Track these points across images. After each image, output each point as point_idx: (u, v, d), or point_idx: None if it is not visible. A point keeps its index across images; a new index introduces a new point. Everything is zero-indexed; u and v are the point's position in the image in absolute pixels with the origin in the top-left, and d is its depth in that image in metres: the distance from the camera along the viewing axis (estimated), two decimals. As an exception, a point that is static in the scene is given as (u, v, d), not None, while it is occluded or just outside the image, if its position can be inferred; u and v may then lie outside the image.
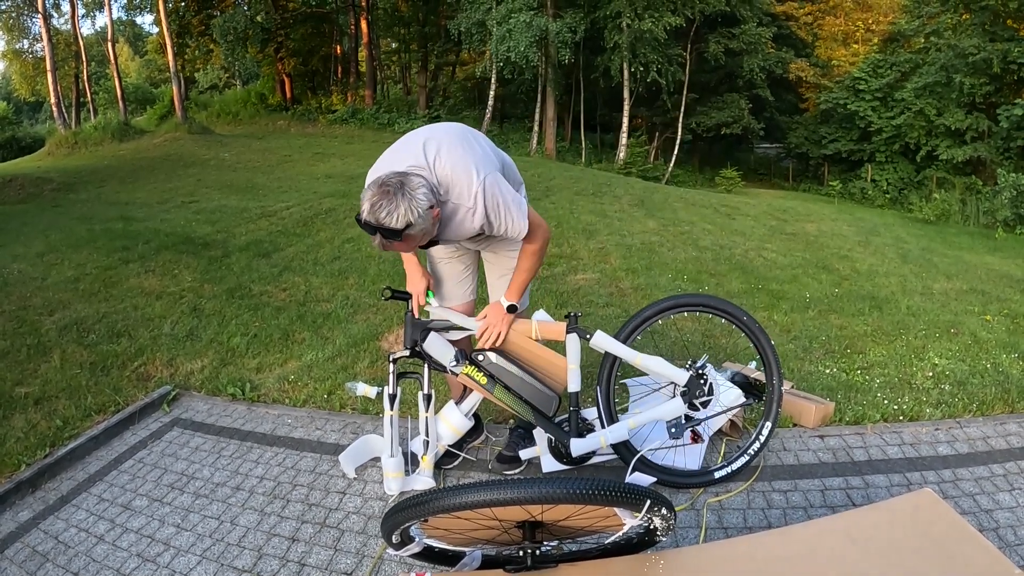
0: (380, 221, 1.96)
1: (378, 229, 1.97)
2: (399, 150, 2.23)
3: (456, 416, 2.73)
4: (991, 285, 5.92)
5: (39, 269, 6.11)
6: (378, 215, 1.96)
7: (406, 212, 1.96)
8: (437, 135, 2.22)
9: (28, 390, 3.76)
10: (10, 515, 2.79)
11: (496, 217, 2.20)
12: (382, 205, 1.96)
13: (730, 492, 2.61)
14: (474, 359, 2.56)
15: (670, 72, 24.41)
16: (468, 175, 2.13)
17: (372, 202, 1.97)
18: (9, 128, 35.76)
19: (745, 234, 8.30)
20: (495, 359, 2.55)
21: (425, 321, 2.57)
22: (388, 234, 1.98)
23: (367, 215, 1.98)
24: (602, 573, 1.79)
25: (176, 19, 26.52)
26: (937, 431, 3.01)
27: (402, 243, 2.04)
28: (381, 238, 2.00)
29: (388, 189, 1.98)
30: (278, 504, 2.72)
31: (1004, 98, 20.32)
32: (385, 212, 1.95)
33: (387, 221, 1.96)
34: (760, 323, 2.76)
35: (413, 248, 2.18)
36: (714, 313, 2.74)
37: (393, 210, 1.95)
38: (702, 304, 2.74)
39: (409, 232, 1.99)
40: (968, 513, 2.36)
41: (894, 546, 1.75)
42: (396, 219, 1.96)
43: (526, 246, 2.40)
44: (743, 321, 2.70)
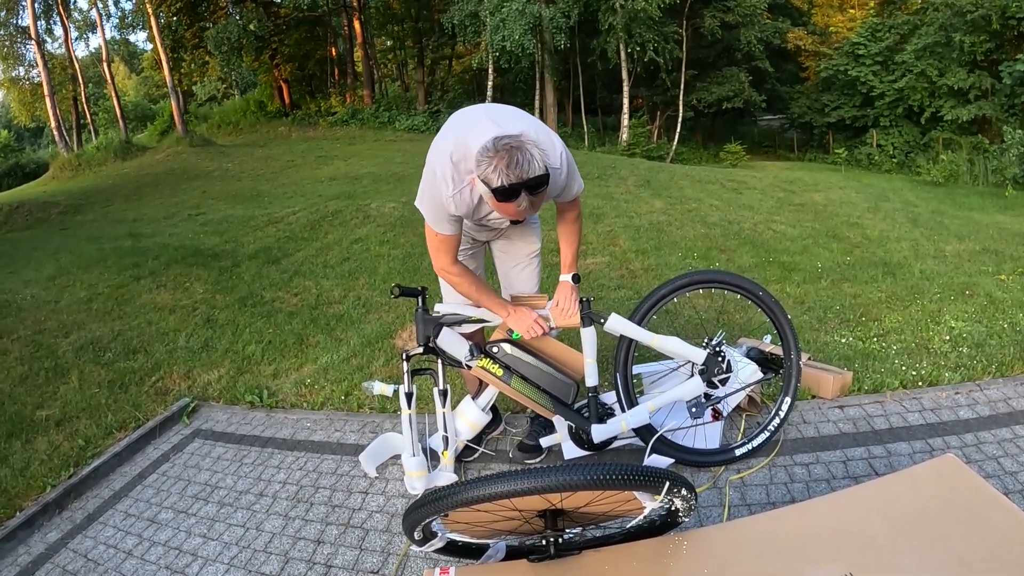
0: (527, 174, 1.87)
1: (524, 185, 1.88)
2: (470, 127, 2.11)
3: (473, 411, 2.72)
4: (1004, 244, 5.85)
5: (52, 292, 6.17)
6: (522, 170, 1.86)
7: (541, 157, 1.91)
8: (495, 112, 2.15)
9: (49, 412, 3.80)
10: (39, 536, 2.82)
11: (571, 177, 2.24)
12: (518, 161, 1.86)
13: (752, 468, 2.60)
14: (489, 351, 2.54)
15: (667, 50, 24.20)
16: (550, 139, 2.13)
17: (507, 162, 1.86)
18: (12, 155, 36.05)
19: (753, 208, 8.24)
20: (510, 350, 2.53)
21: (436, 317, 2.55)
22: (537, 184, 1.90)
23: (510, 176, 1.86)
24: (626, 557, 1.79)
25: (169, 34, 26.57)
26: (957, 395, 2.98)
27: (544, 192, 1.97)
28: (527, 196, 1.90)
29: (511, 146, 1.88)
30: (302, 508, 2.74)
31: (1006, 54, 20.04)
32: (527, 164, 1.87)
33: (532, 171, 1.87)
34: (774, 296, 2.74)
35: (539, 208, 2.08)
36: (729, 289, 2.71)
37: (531, 159, 1.87)
38: (716, 280, 2.71)
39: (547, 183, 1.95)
40: (992, 476, 2.34)
41: (919, 514, 1.74)
42: (538, 166, 1.89)
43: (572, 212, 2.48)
44: (758, 296, 2.67)
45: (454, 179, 2.10)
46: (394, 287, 2.48)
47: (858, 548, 1.65)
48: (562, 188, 2.24)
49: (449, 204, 2.14)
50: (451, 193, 2.11)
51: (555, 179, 2.13)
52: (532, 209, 2.00)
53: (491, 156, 1.88)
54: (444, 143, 2.13)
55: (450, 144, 2.10)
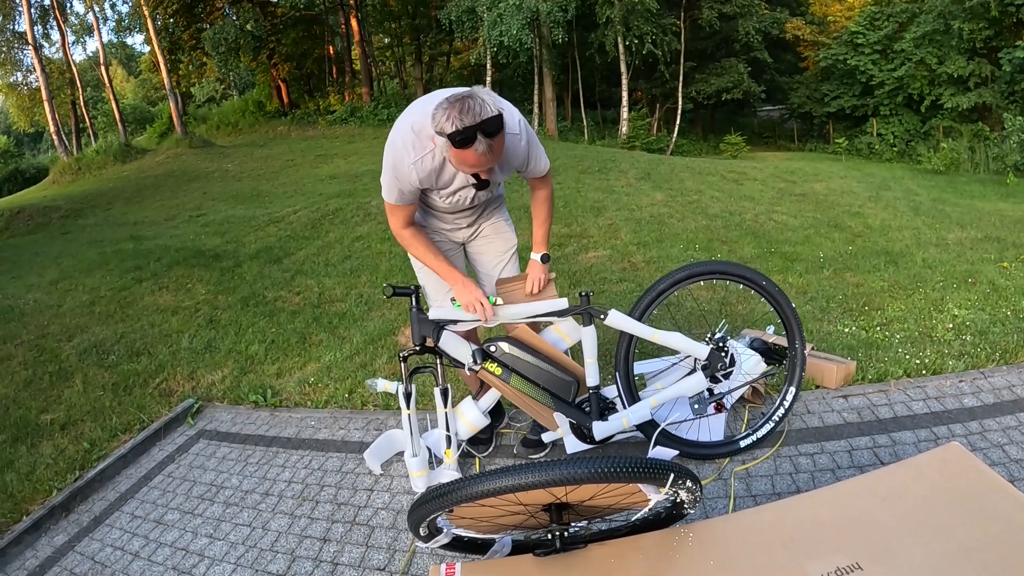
0: (479, 116, 1.89)
1: (478, 127, 1.89)
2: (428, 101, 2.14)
3: (473, 412, 2.70)
4: (1006, 231, 5.84)
5: (54, 296, 6.18)
6: (474, 112, 1.89)
7: (492, 102, 1.94)
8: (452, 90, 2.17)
9: (53, 416, 3.81)
10: (46, 540, 2.84)
11: (534, 148, 2.29)
12: (469, 106, 1.90)
13: (756, 459, 2.60)
14: (486, 350, 2.52)
15: (665, 42, 24.16)
16: (508, 107, 2.15)
17: (459, 109, 1.90)
18: (12, 161, 36.13)
19: (754, 199, 8.23)
20: (508, 348, 2.50)
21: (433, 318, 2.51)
22: (492, 126, 1.91)
23: (463, 120, 1.89)
24: (632, 550, 1.79)
25: (166, 36, 26.58)
26: (961, 383, 2.97)
27: (501, 137, 1.98)
28: (484, 139, 1.92)
29: (461, 96, 1.93)
30: (307, 506, 2.74)
31: (1005, 41, 19.99)
32: (479, 107, 1.90)
33: (485, 112, 1.90)
34: (777, 285, 2.72)
35: (502, 152, 2.06)
36: (732, 279, 2.67)
37: (483, 103, 1.91)
38: (718, 271, 2.67)
39: (505, 121, 1.98)
40: (997, 464, 2.34)
41: (924, 502, 1.73)
42: (490, 109, 1.91)
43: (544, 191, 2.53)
44: (762, 286, 2.63)
45: (414, 147, 2.15)
46: (386, 287, 2.46)
47: (864, 537, 1.65)
48: (524, 157, 2.30)
49: (411, 173, 2.18)
50: (412, 160, 2.16)
51: (515, 145, 2.21)
52: (493, 157, 2.00)
53: (444, 108, 1.93)
54: (403, 119, 2.20)
55: (410, 117, 2.17)
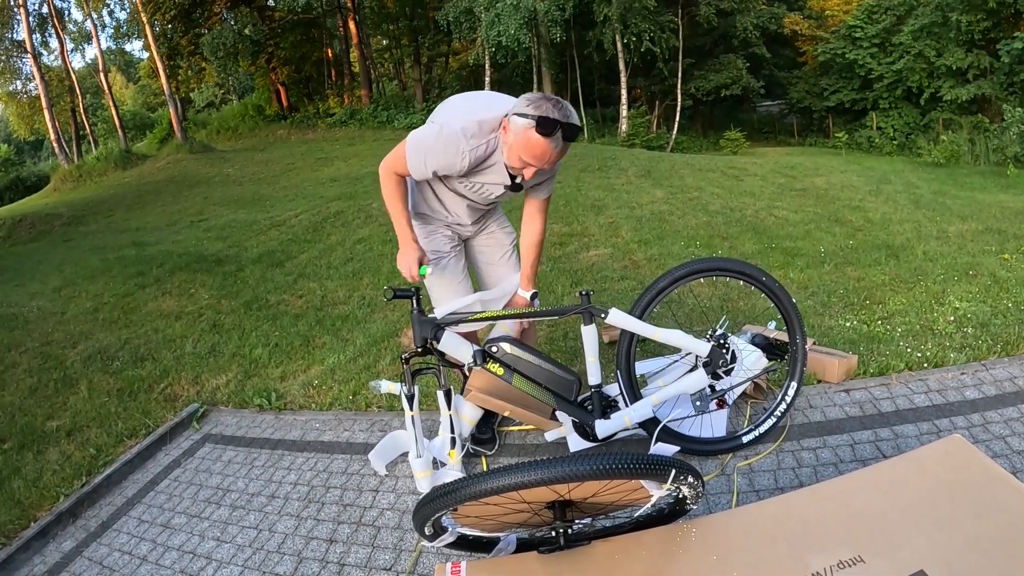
0: (569, 118, 2.09)
1: (564, 126, 2.08)
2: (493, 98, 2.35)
3: (467, 407, 2.72)
4: (1007, 223, 5.83)
5: (58, 304, 6.20)
6: (566, 112, 2.09)
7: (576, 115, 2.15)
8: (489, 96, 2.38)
9: (59, 423, 3.83)
10: (54, 546, 2.85)
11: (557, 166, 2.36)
12: (564, 106, 2.10)
13: (759, 455, 2.61)
14: (488, 351, 2.50)
15: (663, 39, 24.17)
16: None
17: (555, 104, 2.08)
18: (13, 169, 36.19)
19: (754, 194, 8.24)
20: (510, 349, 2.49)
21: (433, 318, 2.49)
22: (573, 131, 2.11)
23: (556, 112, 2.07)
24: (635, 546, 1.80)
25: (165, 42, 26.62)
26: (963, 375, 2.97)
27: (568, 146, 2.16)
28: (561, 140, 2.10)
29: (556, 98, 2.12)
30: (313, 508, 2.75)
31: (1003, 33, 19.99)
32: (570, 111, 2.10)
33: (574, 119, 2.10)
34: (778, 281, 2.72)
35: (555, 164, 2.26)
36: (732, 276, 2.67)
37: (572, 113, 2.12)
38: (718, 268, 2.65)
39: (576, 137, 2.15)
40: (1000, 456, 2.34)
41: (927, 495, 1.74)
42: (577, 120, 2.13)
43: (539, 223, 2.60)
44: (762, 281, 2.62)
45: (475, 136, 2.22)
46: (387, 289, 2.44)
47: (867, 531, 1.66)
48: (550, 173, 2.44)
49: (463, 159, 2.24)
50: (470, 148, 2.23)
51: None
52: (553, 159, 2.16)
53: (538, 98, 2.11)
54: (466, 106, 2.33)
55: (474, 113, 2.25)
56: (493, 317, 2.51)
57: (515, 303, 2.65)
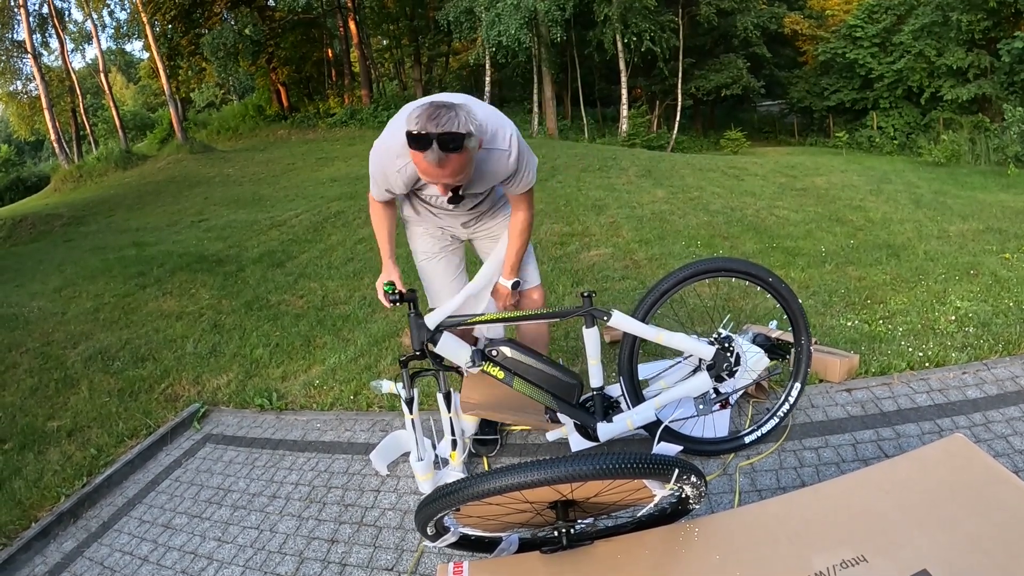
0: (442, 127, 1.87)
1: (437, 137, 1.87)
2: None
3: None
4: (1007, 223, 5.83)
5: (58, 304, 6.20)
6: (440, 121, 1.87)
7: (466, 120, 1.91)
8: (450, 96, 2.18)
9: (60, 423, 3.83)
10: (55, 546, 2.85)
11: (522, 165, 2.24)
12: (441, 114, 1.88)
13: (761, 454, 2.60)
14: (488, 354, 2.46)
15: (664, 39, 24.17)
16: (501, 123, 2.17)
17: (429, 114, 1.88)
18: (13, 169, 36.19)
19: (755, 194, 8.23)
20: (510, 353, 2.45)
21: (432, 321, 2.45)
22: (450, 141, 1.88)
23: (424, 125, 1.87)
24: (638, 546, 1.80)
25: (165, 42, 26.62)
26: (965, 375, 2.97)
27: (460, 158, 1.94)
28: (437, 151, 1.89)
29: (440, 104, 1.93)
30: (315, 508, 2.75)
31: (1003, 32, 19.99)
32: (447, 119, 1.88)
33: (450, 126, 1.87)
34: (784, 282, 2.69)
35: (460, 173, 2.01)
36: (738, 276, 2.63)
37: (454, 117, 1.89)
38: (723, 269, 2.60)
39: (468, 144, 1.93)
40: (1002, 455, 2.33)
41: (929, 494, 1.74)
42: (459, 124, 1.89)
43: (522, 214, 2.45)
44: (768, 282, 2.58)
45: (401, 154, 2.15)
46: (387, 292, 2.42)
47: (869, 530, 1.65)
48: (509, 174, 2.25)
49: (397, 178, 2.24)
50: (399, 168, 2.21)
51: (499, 160, 2.19)
52: (443, 172, 1.96)
53: (420, 108, 1.93)
54: (397, 123, 2.16)
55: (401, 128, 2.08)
56: (493, 320, 2.46)
57: (497, 292, 2.58)
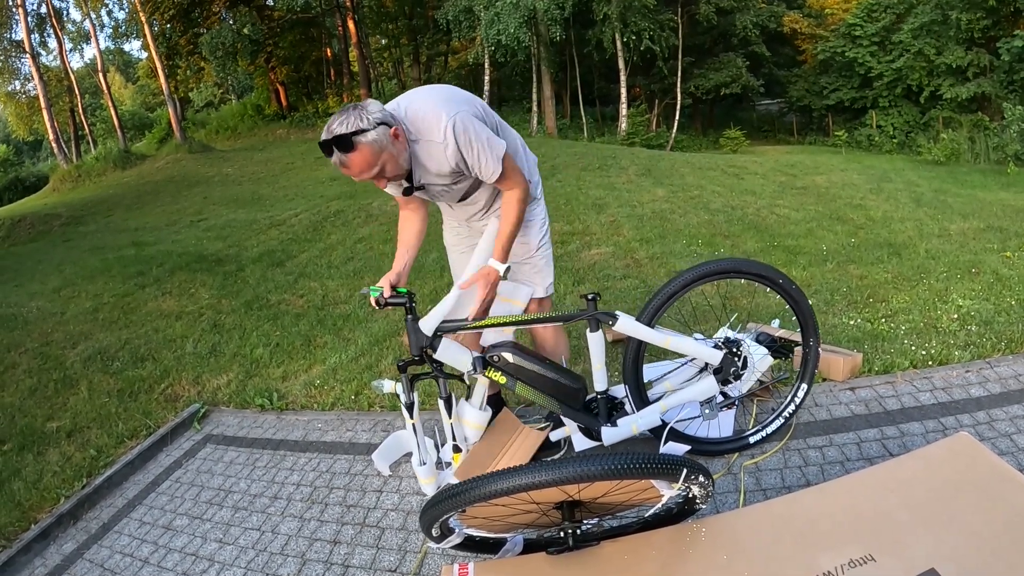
0: (332, 132, 1.97)
1: (332, 142, 1.97)
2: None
3: (471, 412, 2.61)
4: (1008, 221, 5.82)
5: (57, 304, 6.18)
6: (331, 127, 1.98)
7: (356, 120, 1.97)
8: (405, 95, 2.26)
9: (59, 424, 3.81)
10: (55, 548, 2.83)
11: (469, 153, 2.17)
12: (334, 119, 1.99)
13: (765, 453, 2.59)
14: (489, 360, 2.39)
15: (663, 38, 24.15)
16: (436, 114, 2.13)
17: (328, 123, 2.00)
18: (12, 169, 36.14)
19: (755, 193, 8.23)
20: (512, 358, 2.37)
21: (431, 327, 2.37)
22: (341, 144, 1.97)
23: (324, 135, 1.99)
24: (644, 546, 1.79)
25: (163, 42, 26.55)
26: (968, 373, 2.96)
27: (358, 155, 2.00)
28: (337, 154, 1.99)
29: (343, 110, 2.02)
30: (316, 509, 2.74)
31: (1003, 31, 19.99)
32: (337, 123, 1.98)
33: (338, 129, 1.96)
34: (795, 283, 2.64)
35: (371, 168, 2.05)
36: (748, 279, 2.56)
37: (344, 120, 1.97)
38: (733, 270, 2.54)
39: (361, 140, 1.98)
40: (1006, 453, 2.33)
41: (934, 492, 1.73)
42: (346, 126, 1.96)
43: (505, 194, 2.35)
44: (779, 284, 2.52)
45: None
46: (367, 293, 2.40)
47: (875, 529, 1.65)
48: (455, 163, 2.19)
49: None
50: None
51: (436, 152, 2.17)
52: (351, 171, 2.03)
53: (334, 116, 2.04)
54: None
55: None
56: (494, 324, 2.41)
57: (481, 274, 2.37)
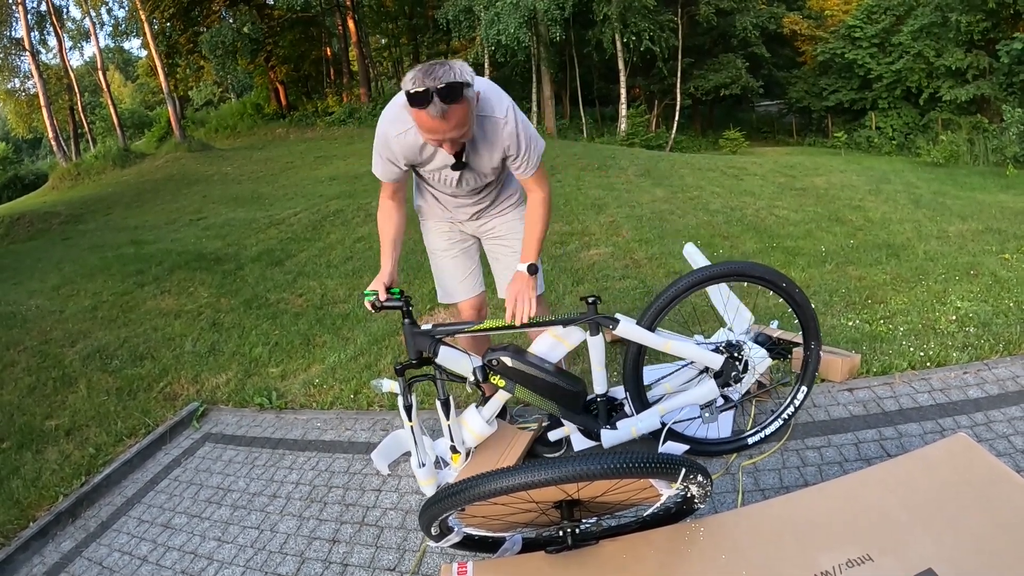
0: (440, 80, 1.84)
1: (437, 91, 1.83)
2: None
3: (477, 422, 2.51)
4: (1007, 223, 5.83)
5: (56, 302, 6.18)
6: (436, 75, 1.85)
7: (460, 73, 1.88)
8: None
9: (58, 422, 3.82)
10: (53, 546, 2.84)
11: (522, 140, 2.16)
12: (435, 69, 1.86)
13: (764, 453, 2.60)
14: (488, 364, 2.33)
15: (663, 39, 24.16)
16: (497, 94, 2.13)
17: (425, 71, 1.87)
18: (11, 167, 36.07)
19: (754, 194, 8.23)
20: (511, 362, 2.31)
21: (428, 330, 2.33)
22: (448, 92, 1.84)
23: (423, 81, 1.85)
24: (643, 545, 1.79)
25: (163, 40, 26.55)
26: (966, 375, 2.97)
27: (461, 109, 1.90)
28: (439, 104, 1.85)
29: (435, 62, 1.90)
30: (315, 508, 2.74)
31: (1002, 33, 20.00)
32: (443, 71, 1.85)
33: (447, 77, 1.84)
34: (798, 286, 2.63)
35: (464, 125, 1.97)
36: (750, 282, 2.53)
37: (450, 70, 1.86)
38: (736, 273, 2.51)
39: (468, 94, 1.90)
40: (1004, 455, 2.33)
41: (932, 493, 1.74)
42: (455, 75, 1.86)
43: (534, 196, 2.34)
44: (782, 287, 2.49)
45: (400, 119, 2.13)
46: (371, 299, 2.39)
47: (874, 529, 1.65)
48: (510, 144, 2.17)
49: (395, 145, 2.19)
50: (396, 133, 2.16)
51: (496, 127, 2.14)
52: (448, 126, 1.93)
53: (414, 72, 1.91)
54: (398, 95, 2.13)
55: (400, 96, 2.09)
56: (491, 328, 2.36)
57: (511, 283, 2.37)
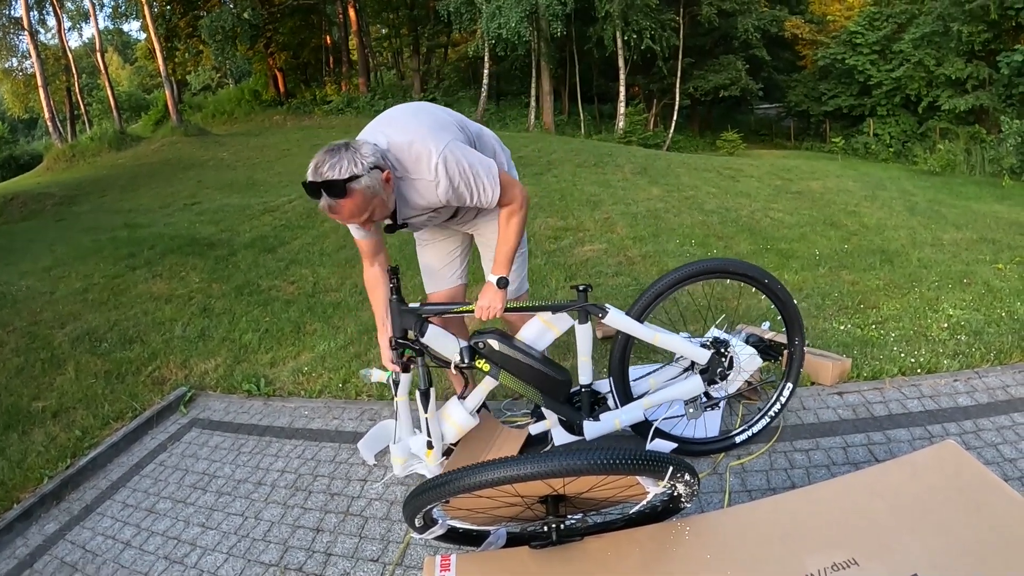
0: (323, 175, 1.85)
1: (321, 186, 1.85)
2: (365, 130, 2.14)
3: (460, 413, 2.43)
4: (1001, 233, 5.85)
5: (47, 283, 6.14)
6: (320, 170, 1.85)
7: (349, 164, 1.85)
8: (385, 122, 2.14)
9: (45, 404, 3.79)
10: (36, 528, 2.82)
11: (465, 186, 2.08)
12: (324, 160, 1.87)
13: (752, 454, 2.60)
14: (475, 346, 2.32)
15: (664, 38, 24.14)
16: (425, 149, 2.02)
17: (316, 162, 1.88)
18: (6, 147, 35.77)
19: (750, 195, 8.23)
20: (498, 345, 2.31)
21: (415, 308, 2.29)
22: (332, 189, 1.85)
23: (311, 175, 1.87)
24: (628, 543, 1.79)
25: (163, 23, 26.37)
26: (956, 382, 2.97)
27: (350, 202, 1.89)
28: (327, 198, 1.86)
29: (333, 148, 1.90)
30: (300, 496, 2.73)
31: (1003, 45, 20.04)
32: (328, 166, 1.85)
33: (330, 174, 1.84)
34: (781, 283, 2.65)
35: (362, 213, 1.95)
36: (734, 278, 2.56)
37: (336, 163, 1.85)
38: (720, 270, 2.53)
39: (354, 186, 1.86)
40: (992, 463, 2.34)
41: (919, 499, 1.74)
42: (339, 171, 1.84)
43: (503, 210, 2.25)
44: (765, 284, 2.53)
45: None
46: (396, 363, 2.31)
47: (860, 533, 1.65)
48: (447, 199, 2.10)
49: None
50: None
51: (431, 189, 2.06)
52: (342, 216, 1.94)
53: (320, 152, 1.91)
54: None
55: None
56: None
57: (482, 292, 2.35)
